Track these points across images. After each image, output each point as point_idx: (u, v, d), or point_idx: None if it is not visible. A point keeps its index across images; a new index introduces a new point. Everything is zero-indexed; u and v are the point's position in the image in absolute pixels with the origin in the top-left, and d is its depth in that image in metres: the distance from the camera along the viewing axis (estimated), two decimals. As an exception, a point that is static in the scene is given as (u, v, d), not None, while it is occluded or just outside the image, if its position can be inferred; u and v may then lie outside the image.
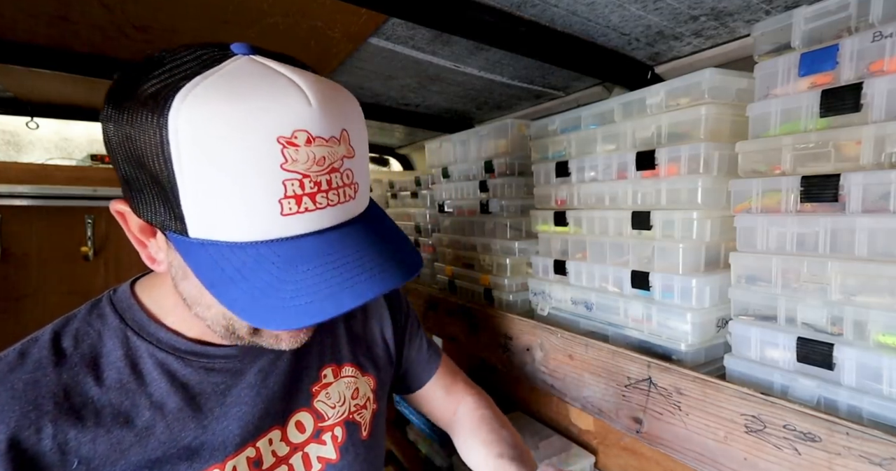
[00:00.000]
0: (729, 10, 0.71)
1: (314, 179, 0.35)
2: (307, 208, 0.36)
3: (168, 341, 0.47)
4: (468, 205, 1.23)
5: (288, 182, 0.34)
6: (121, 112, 0.35)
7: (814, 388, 0.56)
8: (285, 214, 0.35)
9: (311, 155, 0.35)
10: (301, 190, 0.35)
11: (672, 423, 0.67)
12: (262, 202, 0.34)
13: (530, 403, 1.28)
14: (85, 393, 0.42)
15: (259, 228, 0.35)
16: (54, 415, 0.40)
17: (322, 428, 0.55)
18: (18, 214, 1.69)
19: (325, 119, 0.35)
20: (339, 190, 0.37)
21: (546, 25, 0.78)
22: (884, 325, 0.51)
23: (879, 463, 0.46)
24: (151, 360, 0.45)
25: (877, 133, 0.51)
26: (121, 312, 0.47)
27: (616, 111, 0.83)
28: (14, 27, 0.83)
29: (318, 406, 0.56)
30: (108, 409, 0.42)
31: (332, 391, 0.57)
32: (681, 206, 0.72)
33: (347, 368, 0.60)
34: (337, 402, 0.57)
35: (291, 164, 0.34)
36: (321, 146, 0.35)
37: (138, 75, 0.35)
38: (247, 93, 0.33)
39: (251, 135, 0.33)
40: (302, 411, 0.54)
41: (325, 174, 0.36)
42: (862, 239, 0.53)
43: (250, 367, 0.51)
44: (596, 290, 0.86)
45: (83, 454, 0.40)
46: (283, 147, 0.33)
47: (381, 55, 0.97)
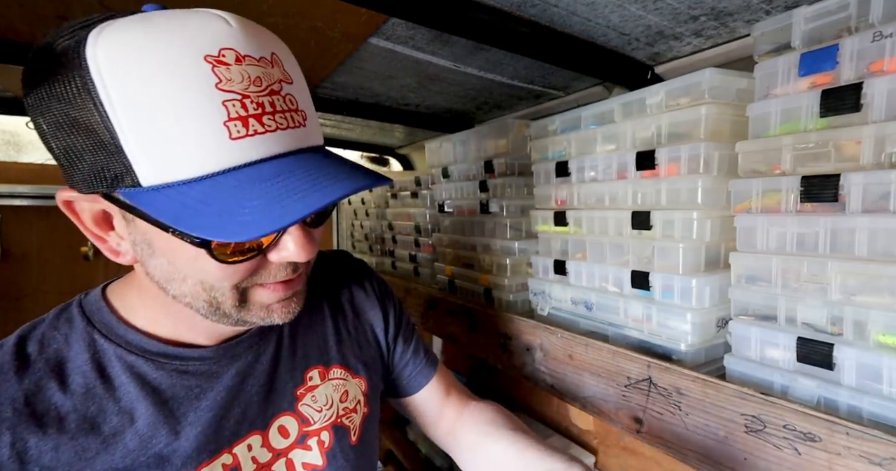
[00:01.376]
0: (729, 9, 0.71)
1: (255, 99, 0.34)
2: (256, 131, 0.34)
3: (137, 343, 0.45)
4: (468, 205, 1.23)
5: (228, 103, 0.33)
6: (39, 87, 0.34)
7: (814, 388, 0.56)
8: (234, 137, 0.33)
9: (245, 74, 0.34)
10: (244, 111, 0.34)
11: (672, 423, 0.67)
12: (207, 127, 0.33)
13: (530, 403, 1.28)
14: (48, 399, 0.40)
15: (211, 157, 0.33)
16: (12, 422, 0.38)
17: (307, 433, 0.53)
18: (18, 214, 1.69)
19: (250, 39, 0.35)
20: (285, 114, 0.36)
21: (546, 25, 0.78)
22: (884, 325, 0.51)
23: (879, 463, 0.46)
24: (120, 363, 0.44)
25: (877, 133, 0.51)
26: (89, 314, 0.45)
27: (616, 111, 0.83)
28: (14, 27, 0.83)
29: (302, 410, 0.53)
30: (72, 415, 0.40)
31: (318, 394, 0.55)
32: (681, 206, 0.72)
33: (336, 369, 0.58)
34: (324, 405, 0.55)
35: (226, 83, 0.33)
36: (253, 65, 0.34)
37: (43, 49, 0.35)
38: (162, 21, 0.33)
39: (176, 57, 0.32)
40: (285, 416, 0.52)
41: (265, 96, 0.35)
42: (862, 239, 0.53)
43: (227, 369, 0.49)
44: (596, 290, 0.86)
45: (44, 463, 0.39)
46: (212, 66, 0.32)
47: (381, 55, 0.97)
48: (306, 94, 0.40)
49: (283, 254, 0.40)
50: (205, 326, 0.47)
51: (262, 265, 0.40)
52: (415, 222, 1.57)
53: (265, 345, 0.52)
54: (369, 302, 0.66)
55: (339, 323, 0.61)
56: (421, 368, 0.71)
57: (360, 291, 0.66)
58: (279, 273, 0.42)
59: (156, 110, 0.32)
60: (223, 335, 0.49)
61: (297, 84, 0.39)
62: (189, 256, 0.37)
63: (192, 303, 0.41)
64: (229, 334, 0.50)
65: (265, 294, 0.43)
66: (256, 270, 0.40)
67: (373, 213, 1.90)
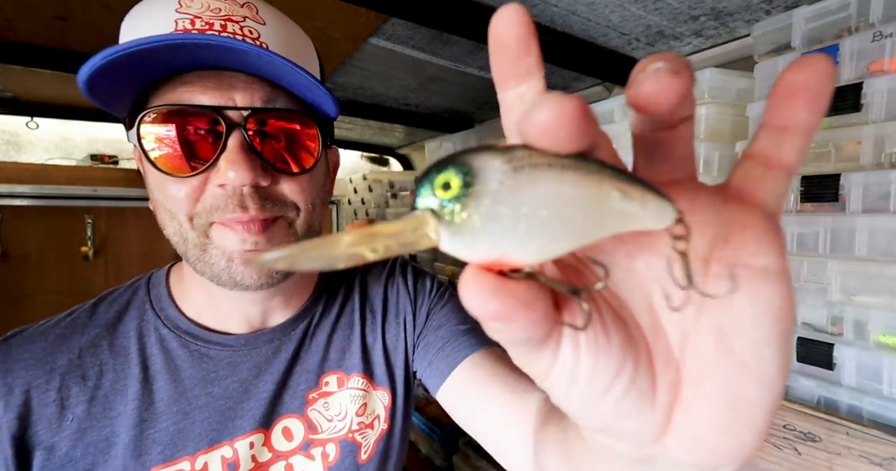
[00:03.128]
0: (729, 10, 0.71)
1: (206, 20, 0.38)
2: (200, 29, 0.37)
3: (173, 318, 0.47)
4: (468, 205, 1.23)
5: (179, 20, 0.37)
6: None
7: (814, 388, 0.56)
8: (178, 30, 0.37)
9: (206, 4, 0.38)
10: (191, 26, 0.37)
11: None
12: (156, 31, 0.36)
13: (530, 403, 1.28)
14: (97, 355, 0.44)
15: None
16: (65, 369, 0.42)
17: (312, 441, 0.50)
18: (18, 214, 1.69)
19: None
20: (236, 35, 0.38)
21: (546, 25, 0.78)
22: (884, 325, 0.51)
23: (879, 463, 0.46)
24: (155, 334, 0.46)
25: (877, 133, 0.51)
26: (150, 287, 0.49)
27: (616, 111, 0.83)
28: (14, 27, 0.83)
29: (311, 415, 0.50)
30: (110, 374, 0.44)
31: (332, 402, 0.51)
32: (681, 206, 0.72)
33: (356, 378, 0.53)
34: (336, 415, 0.51)
35: (185, 8, 0.38)
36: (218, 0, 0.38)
37: None
38: None
39: None
40: (291, 417, 0.50)
41: (218, 20, 0.38)
42: (862, 239, 0.53)
43: (245, 361, 0.49)
44: (596, 290, 0.86)
45: (77, 413, 0.42)
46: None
47: (381, 55, 0.97)
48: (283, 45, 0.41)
49: (218, 175, 0.39)
50: (238, 312, 0.48)
51: (208, 192, 0.40)
52: (415, 222, 1.57)
53: (287, 341, 0.51)
54: (401, 303, 0.58)
55: (366, 327, 0.56)
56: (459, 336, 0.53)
57: (394, 290, 0.59)
58: (227, 205, 0.40)
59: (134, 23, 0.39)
60: (253, 325, 0.50)
61: (273, 31, 0.41)
62: (151, 176, 0.40)
63: (174, 242, 0.43)
64: (258, 325, 0.50)
65: (227, 235, 0.41)
66: (205, 198, 0.40)
67: (373, 213, 1.90)
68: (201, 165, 0.39)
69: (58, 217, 1.75)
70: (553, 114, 0.12)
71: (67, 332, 0.44)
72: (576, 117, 0.12)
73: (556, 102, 0.12)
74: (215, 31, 0.38)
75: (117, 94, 0.39)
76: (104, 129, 1.90)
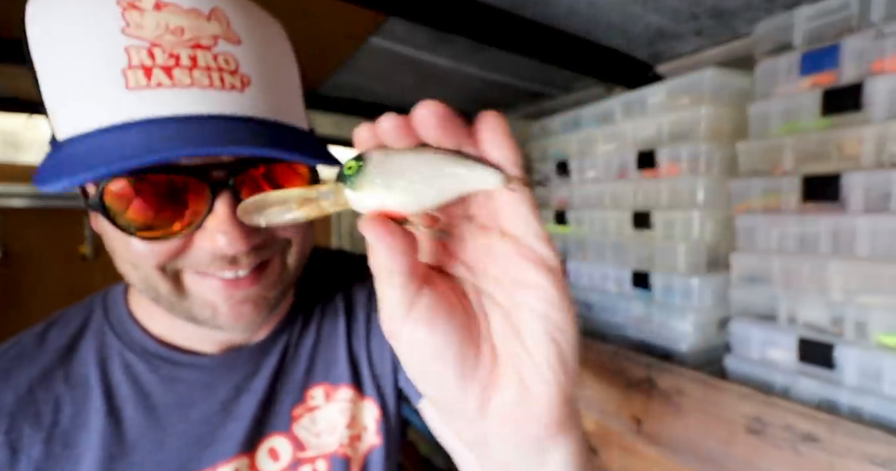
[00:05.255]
0: (730, 9, 0.71)
1: (169, 49, 0.30)
2: (160, 83, 0.30)
3: (139, 342, 0.43)
4: (468, 205, 1.23)
5: (133, 49, 0.29)
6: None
7: (815, 388, 0.56)
8: (131, 87, 0.29)
9: (162, 22, 0.30)
10: (151, 61, 0.30)
11: (672, 423, 0.67)
12: (103, 74, 0.29)
13: (530, 403, 1.28)
14: (51, 388, 0.39)
15: (107, 108, 0.30)
16: (12, 409, 0.38)
17: (301, 460, 0.47)
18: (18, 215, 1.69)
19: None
20: (210, 72, 0.31)
21: (547, 25, 0.78)
22: (885, 325, 0.51)
23: (881, 463, 0.46)
24: (119, 360, 0.42)
25: (878, 133, 0.51)
26: (107, 307, 0.45)
27: (617, 111, 0.83)
28: (14, 26, 0.83)
29: (298, 433, 0.47)
30: (68, 408, 0.39)
31: (318, 417, 0.49)
32: (681, 206, 0.72)
33: (344, 390, 0.51)
34: (324, 430, 0.48)
35: (135, 29, 0.30)
36: (176, 14, 0.31)
37: None
38: None
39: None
40: (277, 436, 0.47)
41: (185, 48, 0.31)
42: (863, 239, 0.52)
43: (223, 381, 0.45)
44: (596, 290, 0.86)
45: (34, 455, 0.37)
46: (123, 9, 0.30)
47: (381, 55, 0.96)
48: (267, 64, 0.35)
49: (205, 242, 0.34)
50: (207, 332, 0.43)
51: (190, 251, 0.35)
52: (415, 222, 1.57)
53: (267, 357, 0.48)
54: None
55: (352, 336, 0.54)
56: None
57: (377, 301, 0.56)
58: (211, 263, 0.35)
59: (60, 52, 0.30)
60: (231, 344, 0.46)
61: (250, 47, 0.34)
62: (108, 233, 0.35)
63: (141, 290, 0.37)
64: (236, 343, 0.46)
65: (205, 286, 0.36)
66: (185, 256, 0.35)
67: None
68: (181, 228, 0.33)
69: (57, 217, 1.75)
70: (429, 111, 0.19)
71: (13, 365, 0.39)
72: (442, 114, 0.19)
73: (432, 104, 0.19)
74: (183, 68, 0.30)
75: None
76: (104, 128, 1.90)
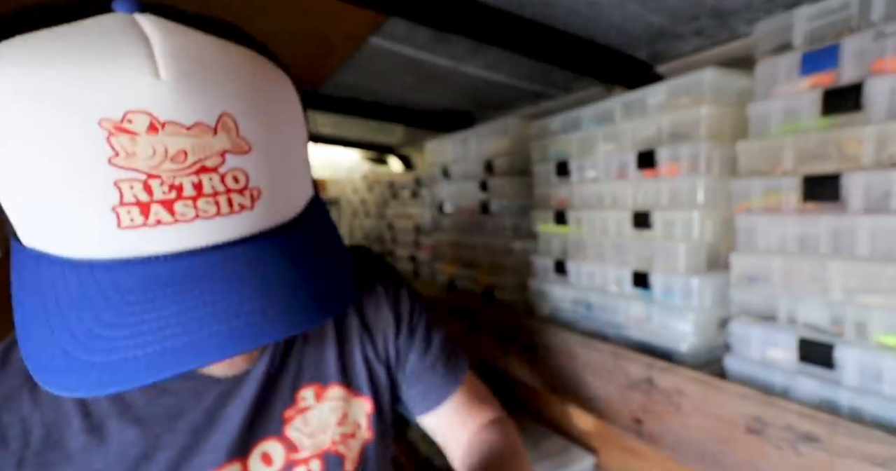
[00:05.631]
0: (730, 9, 0.71)
1: (169, 181, 0.26)
2: (160, 220, 0.26)
3: None
4: (468, 205, 1.23)
5: (125, 184, 0.25)
6: None
7: (815, 388, 0.56)
8: (125, 226, 0.26)
9: (160, 148, 0.25)
10: (148, 196, 0.26)
11: (672, 423, 0.67)
12: (90, 210, 0.25)
13: (530, 403, 1.28)
14: (17, 410, 0.37)
15: (92, 243, 0.27)
16: None
17: (294, 461, 0.47)
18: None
19: (186, 98, 0.25)
20: (217, 197, 0.28)
21: (546, 25, 0.78)
22: (885, 325, 0.51)
23: (881, 464, 0.46)
24: None
25: (878, 132, 0.51)
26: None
27: (616, 111, 0.83)
28: (13, 27, 0.83)
29: (290, 435, 0.47)
30: (38, 429, 0.37)
31: (310, 417, 0.48)
32: (681, 206, 0.72)
33: (334, 388, 0.50)
34: (316, 429, 0.48)
35: (126, 159, 0.25)
36: (177, 135, 0.26)
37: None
38: (70, 56, 0.24)
39: (61, 114, 0.24)
40: (270, 440, 0.46)
41: (189, 175, 0.26)
42: (863, 239, 0.52)
43: (209, 390, 0.44)
44: (596, 290, 0.86)
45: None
46: (108, 134, 0.24)
47: (381, 55, 0.96)
48: (282, 160, 0.31)
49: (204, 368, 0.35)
50: None
51: None
52: (415, 222, 1.57)
53: (256, 364, 0.47)
54: (381, 309, 0.56)
55: (343, 334, 0.53)
56: (439, 379, 0.58)
57: (371, 296, 0.56)
58: None
59: (30, 173, 0.25)
60: None
61: (260, 150, 0.29)
62: None
63: None
64: None
65: None
66: None
67: (373, 213, 1.90)
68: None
69: (58, 217, 1.75)
70: None
71: None
72: None
73: None
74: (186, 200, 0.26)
75: None
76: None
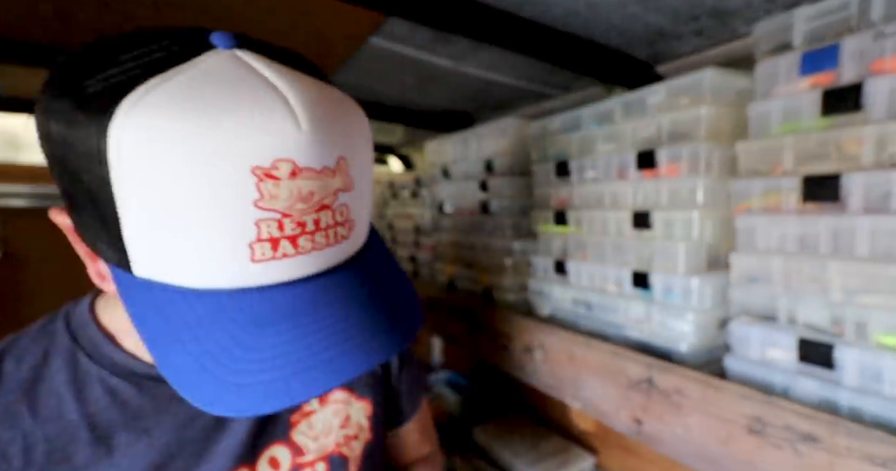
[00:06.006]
0: (730, 9, 0.71)
1: (297, 218, 0.29)
2: (285, 254, 0.29)
3: (124, 365, 0.40)
4: (468, 205, 1.23)
5: (263, 223, 0.27)
6: (58, 109, 0.27)
7: (815, 388, 0.56)
8: (257, 259, 0.28)
9: (296, 190, 0.28)
10: (279, 232, 0.28)
11: (672, 423, 0.67)
12: (228, 246, 0.28)
13: (530, 403, 1.28)
14: (16, 426, 0.36)
15: (222, 275, 0.29)
16: None
17: (300, 464, 0.48)
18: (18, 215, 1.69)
19: (319, 145, 0.28)
20: (328, 231, 0.30)
21: (546, 25, 0.78)
22: (885, 325, 0.51)
23: (882, 464, 0.46)
24: (101, 386, 0.39)
25: (878, 133, 0.51)
26: (73, 330, 0.41)
27: (616, 111, 0.83)
28: (14, 26, 0.83)
29: (296, 439, 0.48)
30: (41, 445, 0.37)
31: (315, 421, 0.49)
32: (681, 206, 0.72)
33: (336, 391, 0.51)
34: (321, 433, 0.49)
35: (269, 201, 0.27)
36: (310, 179, 0.28)
37: (86, 62, 0.28)
38: (217, 105, 0.26)
39: (218, 163, 0.26)
40: (277, 445, 0.47)
41: (312, 213, 0.29)
42: (863, 239, 0.52)
43: None
44: (596, 290, 0.86)
45: None
46: (258, 180, 0.26)
47: (381, 55, 0.96)
48: (366, 195, 0.35)
49: None
50: None
51: None
52: (415, 222, 1.57)
53: None
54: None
55: None
56: (414, 395, 0.62)
57: None
58: None
59: (171, 214, 0.27)
60: None
61: (359, 187, 0.33)
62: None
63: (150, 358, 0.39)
64: None
65: None
66: None
67: (373, 213, 1.90)
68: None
69: (58, 217, 1.75)
70: None
71: None
72: None
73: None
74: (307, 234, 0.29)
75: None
76: (104, 129, 1.90)
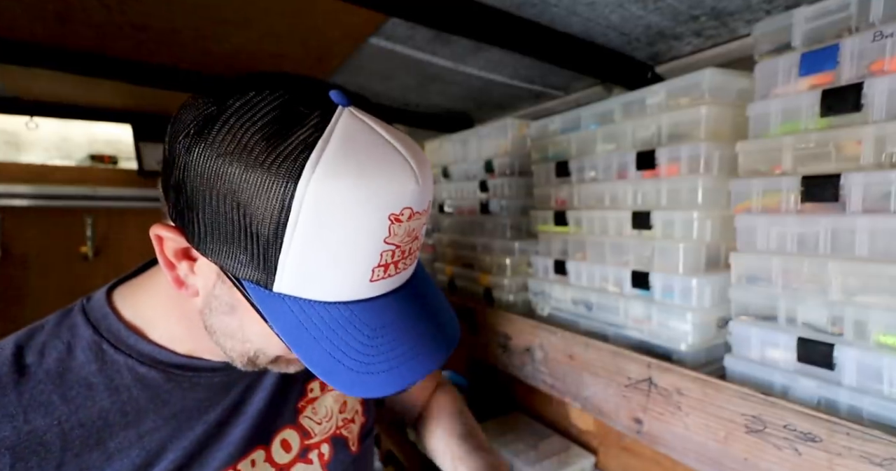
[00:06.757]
0: (729, 9, 0.71)
1: (403, 247, 0.37)
2: (390, 274, 0.37)
3: (150, 354, 0.43)
4: (468, 205, 1.23)
5: (385, 253, 0.35)
6: (242, 159, 0.32)
7: (814, 388, 0.56)
8: (373, 280, 0.36)
9: (410, 229, 0.36)
10: (391, 258, 0.36)
11: (672, 423, 0.67)
12: (360, 271, 0.35)
13: (530, 403, 1.28)
14: (50, 414, 0.38)
15: (347, 291, 0.36)
16: (13, 441, 0.36)
17: (308, 446, 0.53)
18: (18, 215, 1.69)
19: (425, 193, 0.37)
20: (408, 257, 0.38)
21: (546, 25, 0.78)
22: (884, 325, 0.51)
23: (880, 463, 0.46)
24: (130, 374, 0.42)
25: (877, 133, 0.51)
26: (94, 322, 0.43)
27: (616, 111, 0.83)
28: (14, 26, 0.83)
29: (304, 423, 0.53)
30: (76, 431, 0.39)
31: (318, 406, 0.55)
32: (681, 206, 0.72)
33: None
34: (324, 417, 0.55)
35: (392, 237, 0.35)
36: (418, 219, 0.36)
37: (267, 121, 0.33)
38: (370, 168, 0.33)
39: (370, 211, 0.33)
40: (287, 429, 0.52)
41: (409, 243, 0.37)
42: (862, 239, 0.52)
43: (237, 383, 0.48)
44: (596, 290, 0.86)
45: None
46: (391, 223, 0.34)
47: (381, 55, 0.97)
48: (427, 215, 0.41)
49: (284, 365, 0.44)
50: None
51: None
52: (415, 222, 1.57)
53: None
54: None
55: None
56: None
57: None
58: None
59: (327, 248, 0.34)
60: None
61: (428, 209, 0.40)
62: (264, 333, 0.38)
63: (233, 355, 0.42)
64: None
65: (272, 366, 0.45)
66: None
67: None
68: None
69: (57, 217, 1.75)
70: None
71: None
72: None
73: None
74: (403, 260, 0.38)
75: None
76: (104, 129, 1.90)
